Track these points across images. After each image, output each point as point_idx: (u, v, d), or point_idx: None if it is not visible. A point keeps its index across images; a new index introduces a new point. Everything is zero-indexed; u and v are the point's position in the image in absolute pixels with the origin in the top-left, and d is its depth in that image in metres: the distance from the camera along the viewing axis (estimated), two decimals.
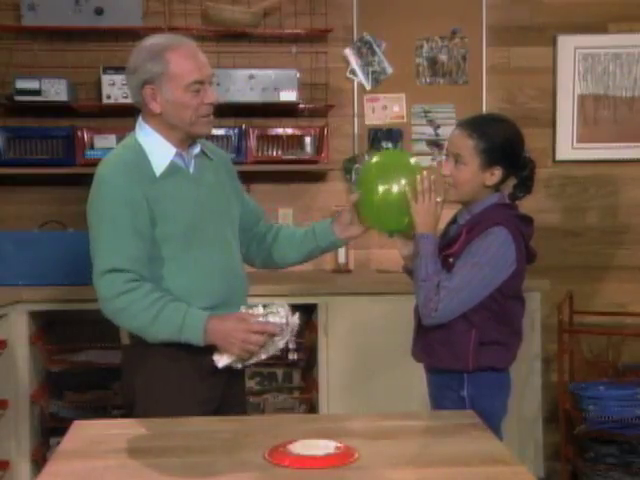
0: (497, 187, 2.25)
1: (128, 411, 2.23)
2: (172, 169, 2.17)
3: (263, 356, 2.09)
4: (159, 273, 2.14)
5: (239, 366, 2.12)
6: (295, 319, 2.07)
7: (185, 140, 2.19)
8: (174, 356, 2.16)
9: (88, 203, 2.15)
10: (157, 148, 2.16)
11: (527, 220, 2.24)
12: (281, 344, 2.07)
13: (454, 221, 2.32)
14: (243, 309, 2.13)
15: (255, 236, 2.45)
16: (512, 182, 2.30)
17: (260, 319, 2.07)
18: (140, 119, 2.21)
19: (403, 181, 2.16)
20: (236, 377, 2.31)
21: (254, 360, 2.10)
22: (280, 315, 2.06)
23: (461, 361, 2.17)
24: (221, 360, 2.09)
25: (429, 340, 2.23)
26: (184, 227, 2.15)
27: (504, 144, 2.19)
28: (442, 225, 2.38)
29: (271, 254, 2.45)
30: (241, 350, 2.05)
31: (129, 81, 2.19)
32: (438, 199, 2.16)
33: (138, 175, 2.11)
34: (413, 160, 2.26)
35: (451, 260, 2.16)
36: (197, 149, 2.25)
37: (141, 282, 2.08)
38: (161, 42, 2.15)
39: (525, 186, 2.26)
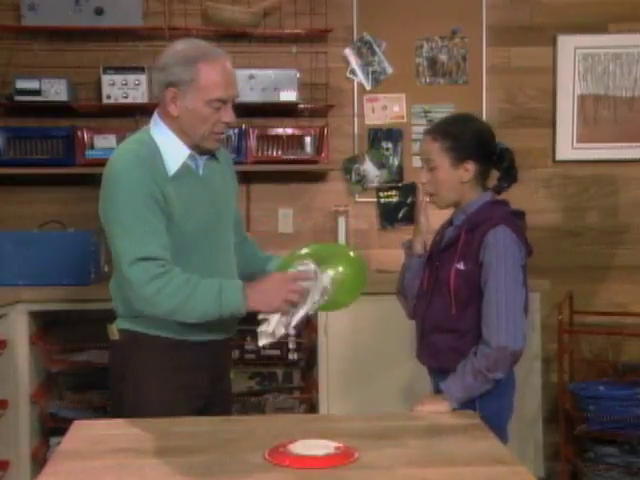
0: (483, 185, 2.26)
1: (117, 408, 2.23)
2: (184, 170, 2.17)
3: (302, 312, 2.05)
4: None
5: (283, 331, 2.06)
6: (327, 276, 2.08)
7: (195, 148, 2.20)
8: (161, 351, 2.17)
9: (105, 198, 2.12)
10: (171, 147, 2.16)
11: (520, 214, 2.26)
12: (317, 295, 2.04)
13: (450, 223, 2.32)
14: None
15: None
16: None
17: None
18: (156, 115, 2.20)
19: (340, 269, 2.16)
20: (222, 375, 2.33)
21: (296, 318, 2.06)
22: (308, 265, 2.07)
23: None
24: (262, 328, 2.06)
25: (437, 344, 2.22)
26: (193, 229, 2.16)
27: (469, 138, 2.22)
28: (436, 225, 2.39)
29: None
30: (282, 303, 2.02)
31: (155, 76, 2.18)
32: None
33: (154, 172, 2.11)
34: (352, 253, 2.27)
35: (461, 267, 2.15)
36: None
37: (172, 266, 2.07)
38: (198, 50, 2.14)
39: (509, 176, 2.28)
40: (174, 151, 2.16)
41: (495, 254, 2.12)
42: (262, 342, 2.07)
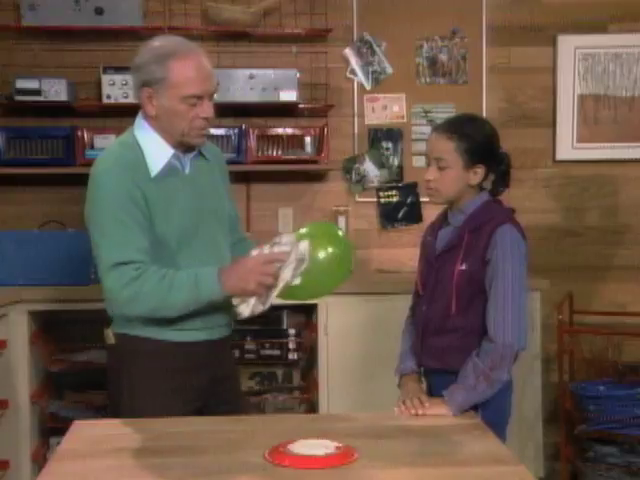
0: (480, 185, 2.25)
1: (114, 411, 2.23)
2: (168, 170, 2.16)
3: (276, 289, 2.01)
4: None
5: (261, 308, 2.05)
6: (303, 245, 2.02)
7: (179, 145, 2.19)
8: (156, 354, 2.18)
9: (87, 201, 2.14)
10: (154, 148, 2.16)
11: (513, 212, 2.26)
12: (289, 271, 2.00)
13: (442, 222, 2.30)
14: (253, 252, 2.10)
15: None
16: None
17: (266, 251, 2.06)
18: (140, 116, 2.20)
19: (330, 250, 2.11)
20: (223, 376, 2.31)
21: (272, 297, 2.02)
22: (283, 243, 2.03)
23: None
24: (242, 307, 2.05)
25: (439, 345, 2.21)
26: (178, 229, 2.15)
27: (484, 142, 2.20)
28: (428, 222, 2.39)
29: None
30: (257, 285, 1.99)
31: (132, 78, 2.18)
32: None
33: (135, 174, 2.11)
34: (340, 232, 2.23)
35: (464, 268, 2.15)
36: (195, 151, 2.24)
37: (147, 266, 2.07)
38: (169, 47, 2.12)
39: (503, 180, 2.27)
40: (157, 151, 2.15)
41: (503, 253, 2.11)
42: (245, 314, 2.06)
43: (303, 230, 2.18)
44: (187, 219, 2.17)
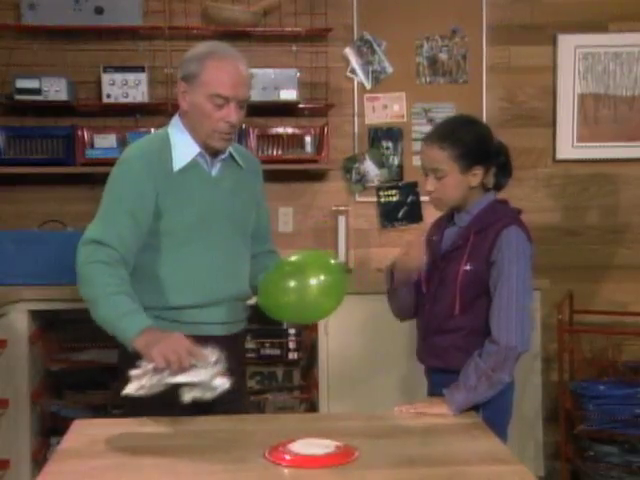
0: (484, 184, 2.24)
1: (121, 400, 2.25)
2: (192, 167, 2.21)
3: (174, 379, 1.88)
4: (152, 261, 2.18)
5: (153, 382, 1.88)
6: (221, 380, 1.91)
7: (205, 147, 2.22)
8: None
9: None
10: (182, 144, 2.21)
11: (519, 213, 2.25)
12: (198, 376, 1.88)
13: (447, 222, 2.30)
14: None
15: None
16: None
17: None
18: (177, 113, 2.27)
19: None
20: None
21: (165, 380, 1.88)
22: (212, 355, 1.93)
23: None
24: (132, 384, 1.89)
25: (441, 344, 2.21)
26: (188, 223, 2.18)
27: (476, 143, 2.18)
28: (430, 221, 2.38)
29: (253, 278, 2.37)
30: (160, 355, 1.87)
31: (178, 73, 2.26)
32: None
33: (156, 166, 2.16)
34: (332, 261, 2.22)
35: (468, 268, 2.15)
36: (224, 154, 2.28)
37: (121, 263, 2.08)
38: (211, 48, 2.21)
39: (506, 170, 2.26)
40: (184, 147, 2.21)
41: (508, 254, 2.10)
42: (127, 389, 1.87)
43: (294, 258, 2.17)
44: (200, 216, 2.20)
